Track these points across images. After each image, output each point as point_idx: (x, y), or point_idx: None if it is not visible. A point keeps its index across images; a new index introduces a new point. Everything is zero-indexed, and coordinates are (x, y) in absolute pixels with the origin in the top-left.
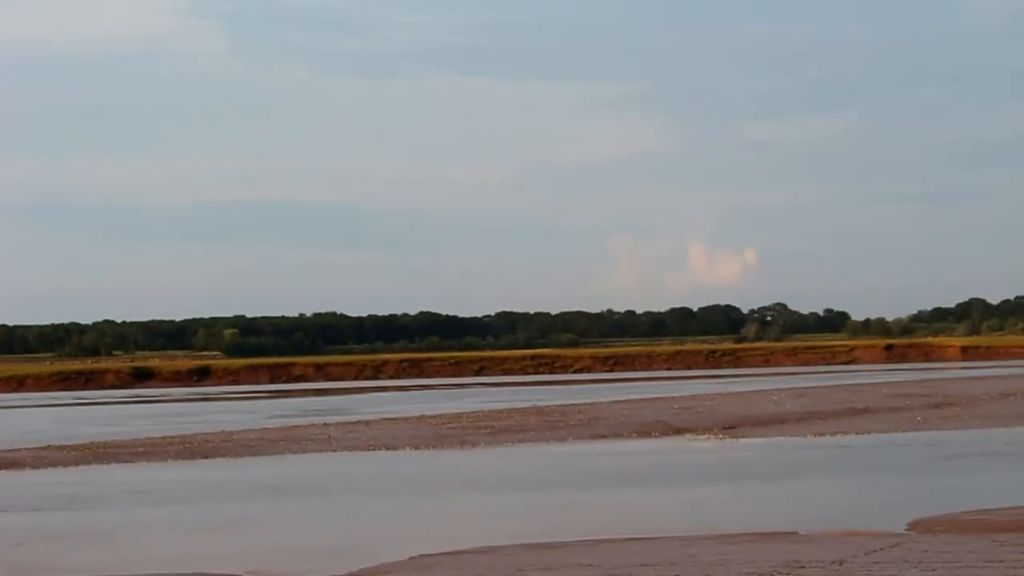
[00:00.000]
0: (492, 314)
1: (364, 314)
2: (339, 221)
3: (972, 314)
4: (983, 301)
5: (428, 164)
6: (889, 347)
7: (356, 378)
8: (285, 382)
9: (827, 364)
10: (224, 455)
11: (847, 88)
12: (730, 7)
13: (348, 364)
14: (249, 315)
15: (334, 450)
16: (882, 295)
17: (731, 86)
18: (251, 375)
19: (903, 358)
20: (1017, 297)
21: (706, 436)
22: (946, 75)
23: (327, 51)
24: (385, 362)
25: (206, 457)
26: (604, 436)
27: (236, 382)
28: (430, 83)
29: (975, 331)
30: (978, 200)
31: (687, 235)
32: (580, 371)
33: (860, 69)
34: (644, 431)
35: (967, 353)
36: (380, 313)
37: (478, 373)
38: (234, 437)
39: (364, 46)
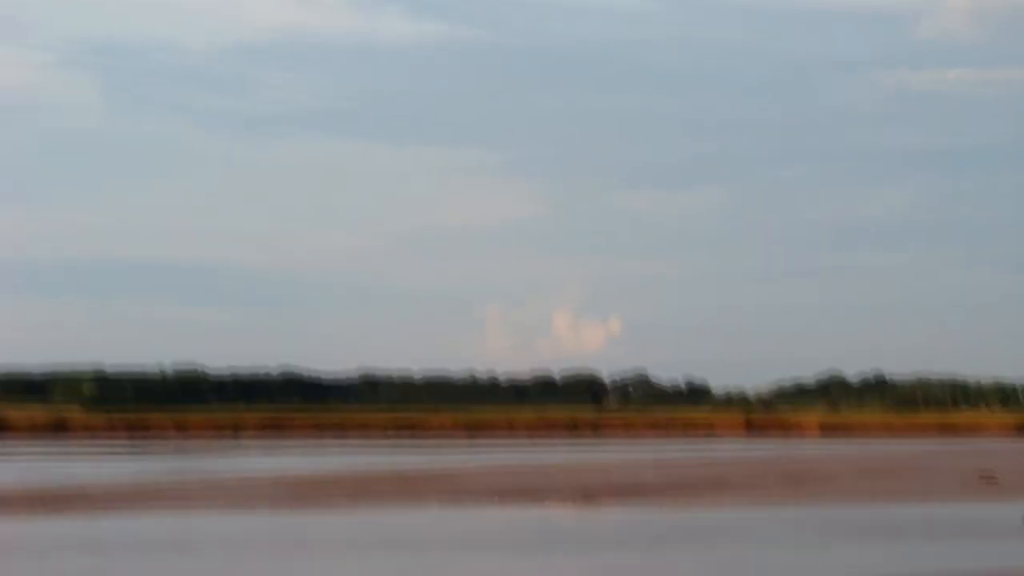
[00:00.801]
0: (355, 376)
1: (226, 372)
2: (206, 278)
3: (831, 390)
4: (842, 378)
5: (299, 225)
6: (749, 421)
7: (216, 436)
8: (144, 438)
9: (688, 436)
10: (78, 509)
11: (719, 164)
12: (608, 78)
13: (208, 421)
14: (109, 369)
15: (189, 507)
16: (743, 368)
17: (603, 157)
18: (109, 429)
19: (762, 432)
20: (876, 375)
21: (564, 504)
22: (816, 155)
23: (200, 109)
24: (245, 420)
25: (59, 511)
26: (462, 501)
27: (93, 436)
28: (304, 145)
29: (834, 408)
30: (840, 276)
31: (554, 303)
32: (441, 435)
33: (732, 146)
34: (502, 497)
35: (825, 429)
36: (242, 372)
37: (339, 434)
38: (89, 491)
39: (239, 106)
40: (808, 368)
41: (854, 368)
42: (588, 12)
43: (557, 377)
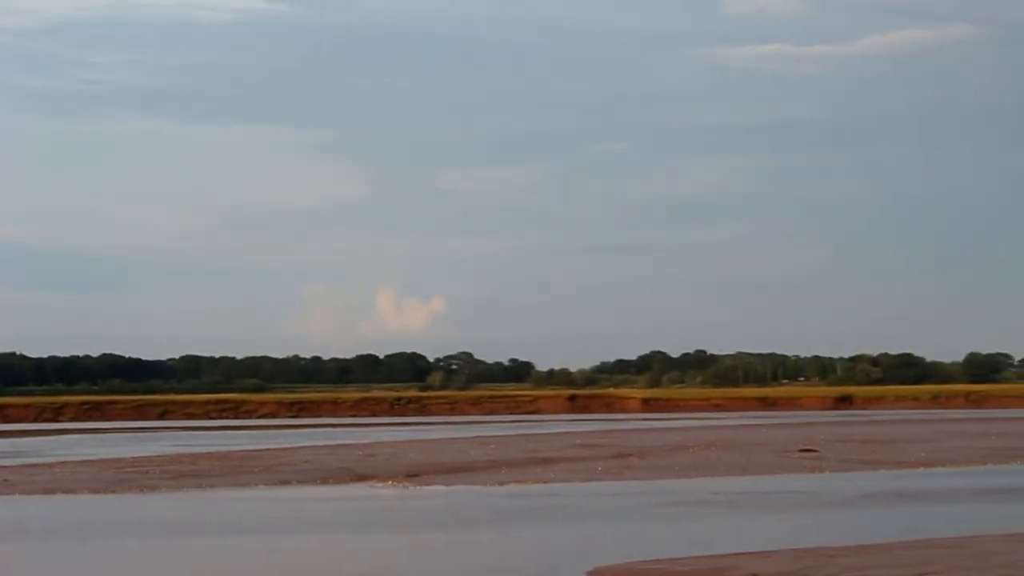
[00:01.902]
0: (177, 357)
1: (45, 355)
2: (22, 259)
3: (653, 366)
4: (664, 354)
5: (117, 205)
6: (572, 398)
7: (35, 420)
8: None
9: (512, 414)
10: None
11: (538, 141)
12: (426, 58)
13: (27, 406)
14: None
15: (9, 493)
16: (566, 346)
17: (425, 136)
18: None
19: (586, 409)
20: (697, 351)
21: (390, 483)
22: (638, 131)
23: (16, 89)
24: (66, 404)
25: None
26: (287, 482)
27: None
28: (123, 124)
29: (656, 383)
30: (663, 254)
31: (377, 282)
32: (265, 416)
33: (551, 123)
34: (327, 477)
35: (648, 405)
36: (61, 354)
37: (161, 417)
38: None
39: (55, 85)
40: (631, 345)
41: (676, 344)
42: None
43: (381, 356)
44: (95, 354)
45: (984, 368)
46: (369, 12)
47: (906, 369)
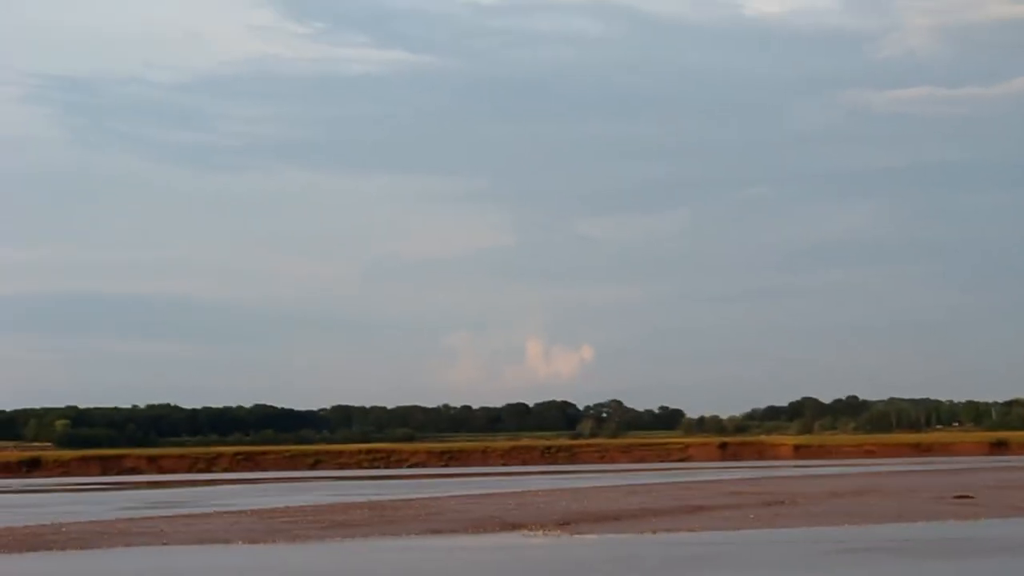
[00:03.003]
0: (328, 407)
1: (198, 406)
2: (175, 312)
3: (804, 413)
4: (815, 400)
5: (266, 256)
6: (723, 445)
7: (189, 471)
8: (117, 474)
9: (662, 461)
10: (52, 548)
11: (682, 187)
12: (570, 104)
13: (181, 456)
14: (81, 406)
15: (165, 543)
16: (717, 392)
17: (570, 183)
18: (82, 467)
19: (737, 456)
20: (848, 396)
21: (541, 532)
22: (777, 175)
23: (165, 143)
24: (219, 455)
25: (33, 550)
26: (438, 531)
27: (67, 474)
28: (271, 176)
29: (807, 430)
30: (811, 298)
31: (525, 330)
32: (415, 466)
33: (695, 169)
34: (479, 526)
35: (799, 452)
36: (214, 405)
37: (313, 467)
38: (63, 529)
39: (203, 139)
40: (782, 391)
41: (828, 391)
42: (548, 38)
43: (530, 405)
44: (247, 405)
45: None
46: (511, 62)
47: None
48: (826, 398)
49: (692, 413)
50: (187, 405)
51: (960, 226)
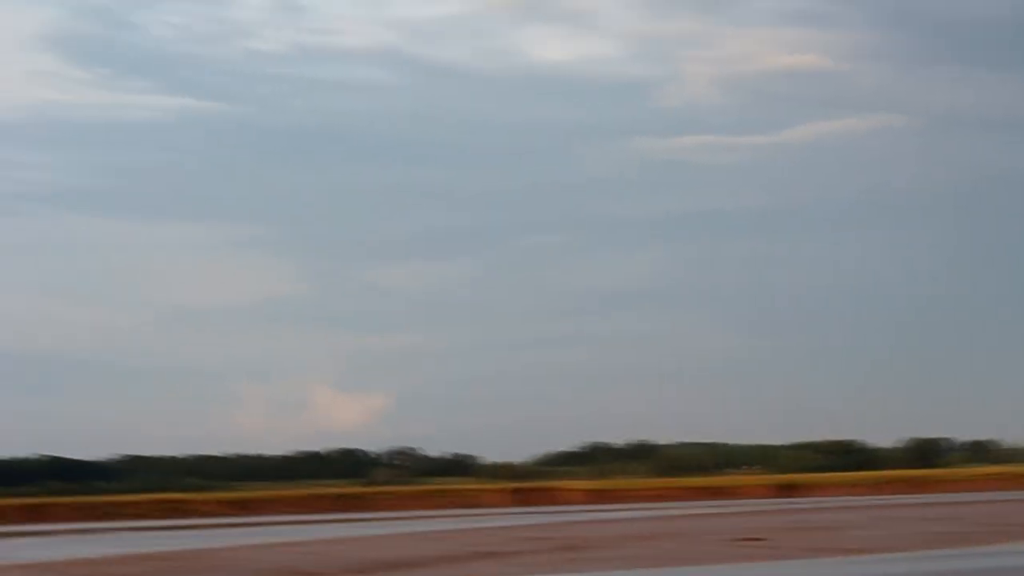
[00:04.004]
0: (118, 457)
1: None
2: None
3: (597, 457)
4: (607, 445)
5: (52, 304)
6: (516, 491)
7: None
8: None
9: (456, 507)
10: None
11: (470, 235)
12: (357, 152)
13: None
14: None
15: None
16: (510, 439)
17: (359, 230)
18: None
19: (529, 501)
20: (639, 441)
21: None
22: (563, 223)
23: None
24: (5, 507)
25: None
26: None
27: None
28: (55, 223)
29: (600, 474)
30: (601, 344)
31: (315, 378)
32: (208, 515)
33: (481, 216)
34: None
35: (593, 496)
36: (1, 457)
37: (105, 518)
38: None
39: None
40: (574, 436)
41: (619, 435)
42: (333, 86)
43: (323, 452)
44: (34, 456)
45: (925, 452)
46: (297, 110)
47: (848, 455)
48: (618, 442)
49: (485, 459)
50: None
51: (742, 272)
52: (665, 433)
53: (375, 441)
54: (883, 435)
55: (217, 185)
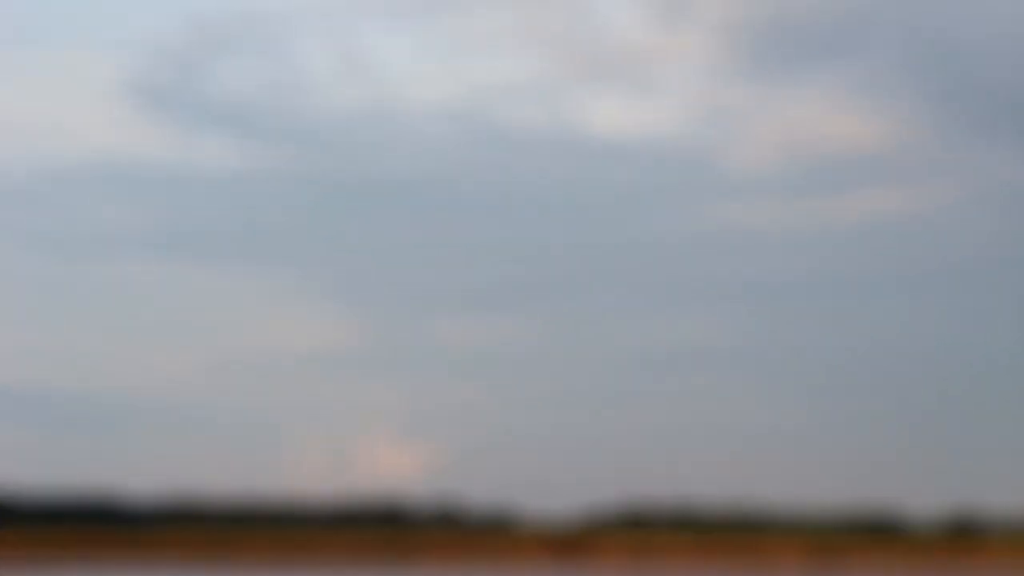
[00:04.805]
0: (168, 501)
1: (32, 497)
2: (18, 401)
3: (640, 517)
4: (652, 503)
5: (112, 346)
6: (560, 547)
7: (27, 561)
8: None
9: (498, 562)
10: None
11: (530, 288)
12: (418, 206)
13: (18, 546)
14: None
15: None
16: (557, 493)
17: (416, 282)
18: None
19: (573, 558)
20: (684, 501)
21: None
22: (623, 282)
23: (17, 231)
24: (56, 546)
25: None
26: None
27: None
28: (121, 268)
29: (642, 535)
30: (649, 403)
31: (367, 428)
32: (259, 561)
33: (541, 273)
34: None
35: (635, 555)
36: (50, 497)
37: (151, 560)
38: None
39: (58, 228)
40: (620, 493)
41: (661, 493)
42: (398, 142)
43: (369, 503)
44: (87, 495)
45: (966, 525)
46: (367, 165)
47: (889, 526)
48: (660, 502)
49: (532, 514)
50: (25, 495)
51: (806, 337)
52: (710, 493)
53: (424, 492)
54: (926, 505)
55: (283, 235)
